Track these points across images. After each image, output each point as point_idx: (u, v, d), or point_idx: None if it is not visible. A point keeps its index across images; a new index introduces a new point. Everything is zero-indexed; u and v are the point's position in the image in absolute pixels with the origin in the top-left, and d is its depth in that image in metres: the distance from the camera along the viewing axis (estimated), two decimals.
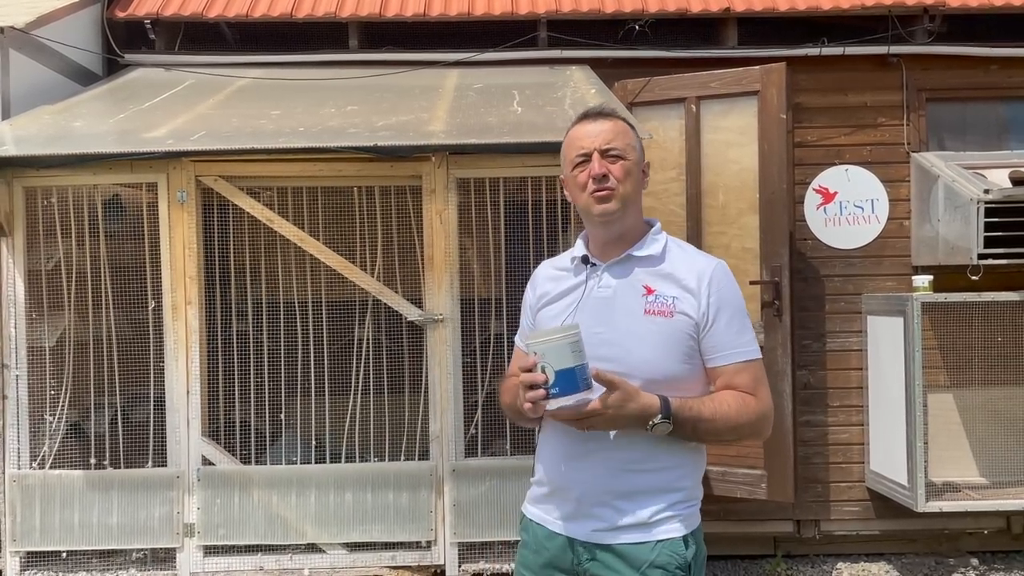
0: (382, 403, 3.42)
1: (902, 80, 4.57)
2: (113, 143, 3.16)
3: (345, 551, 3.31)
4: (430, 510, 3.29)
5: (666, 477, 1.78)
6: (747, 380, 1.76)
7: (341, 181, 3.37)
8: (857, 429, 4.57)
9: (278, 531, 3.31)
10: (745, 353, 1.76)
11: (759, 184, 4.01)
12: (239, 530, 3.27)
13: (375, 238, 3.41)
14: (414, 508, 3.30)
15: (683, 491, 1.80)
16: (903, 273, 4.53)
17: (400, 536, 3.32)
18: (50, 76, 4.00)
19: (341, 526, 3.31)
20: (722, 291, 1.78)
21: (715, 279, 1.78)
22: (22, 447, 3.26)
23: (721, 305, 1.76)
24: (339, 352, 3.41)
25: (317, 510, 3.31)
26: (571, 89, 3.88)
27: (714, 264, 1.82)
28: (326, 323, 3.38)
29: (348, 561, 3.30)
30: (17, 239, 3.28)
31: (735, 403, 1.74)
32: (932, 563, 4.52)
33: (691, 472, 1.82)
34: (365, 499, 3.29)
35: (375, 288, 3.31)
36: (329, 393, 3.40)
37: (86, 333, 3.33)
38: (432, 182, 3.28)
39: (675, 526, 1.78)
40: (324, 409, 3.40)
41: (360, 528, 3.30)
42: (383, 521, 3.29)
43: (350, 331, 3.44)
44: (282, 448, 3.44)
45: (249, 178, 3.32)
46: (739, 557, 4.65)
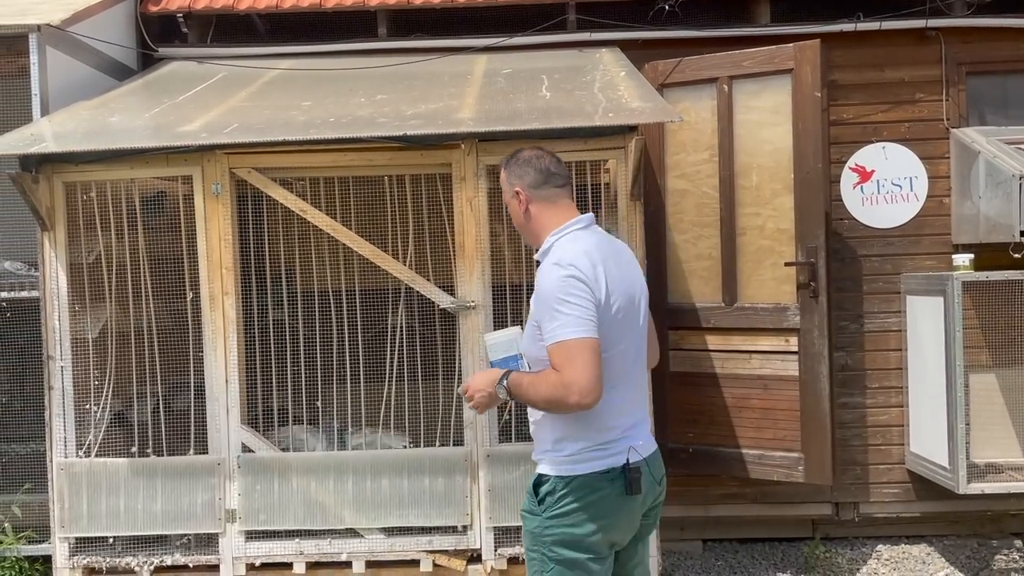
0: (416, 390, 3.45)
1: (941, 54, 4.47)
2: (148, 137, 3.21)
3: (383, 536, 3.35)
4: (465, 495, 3.32)
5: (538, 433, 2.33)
6: (554, 360, 2.13)
7: (372, 170, 3.39)
8: (897, 411, 4.51)
9: (317, 516, 3.35)
10: (550, 339, 2.14)
11: (793, 164, 3.96)
12: (279, 515, 3.33)
13: (407, 226, 3.42)
14: (449, 493, 3.33)
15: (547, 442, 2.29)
16: (943, 252, 4.45)
17: (436, 521, 3.35)
18: (86, 72, 4.07)
19: (378, 511, 3.35)
20: (540, 288, 2.20)
21: (539, 278, 2.22)
22: (68, 436, 3.35)
23: (538, 300, 2.19)
24: (373, 340, 3.45)
25: (355, 496, 3.34)
26: (601, 72, 3.85)
27: (544, 266, 2.24)
28: (360, 311, 3.41)
29: (386, 546, 3.34)
30: (59, 233, 3.35)
31: (539, 376, 2.18)
32: (975, 545, 4.47)
33: (549, 432, 2.27)
34: (402, 485, 3.33)
35: (407, 276, 3.33)
36: (365, 381, 3.43)
37: (127, 324, 3.40)
38: (462, 169, 3.28)
39: (543, 466, 2.28)
40: (360, 397, 3.43)
41: (397, 513, 3.34)
42: (419, 506, 3.33)
43: (383, 319, 3.48)
44: (320, 435, 3.49)
45: (282, 169, 3.34)
46: (776, 540, 4.64)
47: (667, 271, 4.26)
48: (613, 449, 2.22)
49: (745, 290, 4.11)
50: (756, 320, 4.07)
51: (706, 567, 4.39)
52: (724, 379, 4.17)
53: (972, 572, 4.17)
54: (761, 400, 4.08)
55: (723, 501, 4.57)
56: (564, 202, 2.32)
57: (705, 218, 4.16)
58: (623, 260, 2.33)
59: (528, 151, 2.36)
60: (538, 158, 2.32)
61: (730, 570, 4.35)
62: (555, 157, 2.36)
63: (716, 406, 4.17)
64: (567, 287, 2.13)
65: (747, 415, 4.11)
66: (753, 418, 4.10)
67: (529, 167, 2.31)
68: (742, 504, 4.57)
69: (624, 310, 2.24)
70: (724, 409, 4.15)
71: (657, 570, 3.25)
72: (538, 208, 2.30)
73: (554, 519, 2.20)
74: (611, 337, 2.19)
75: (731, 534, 4.65)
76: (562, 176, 2.33)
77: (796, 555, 4.47)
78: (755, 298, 4.09)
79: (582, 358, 2.09)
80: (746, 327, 4.10)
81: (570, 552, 2.19)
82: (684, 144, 4.21)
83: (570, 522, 2.18)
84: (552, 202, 2.30)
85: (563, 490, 2.20)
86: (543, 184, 2.30)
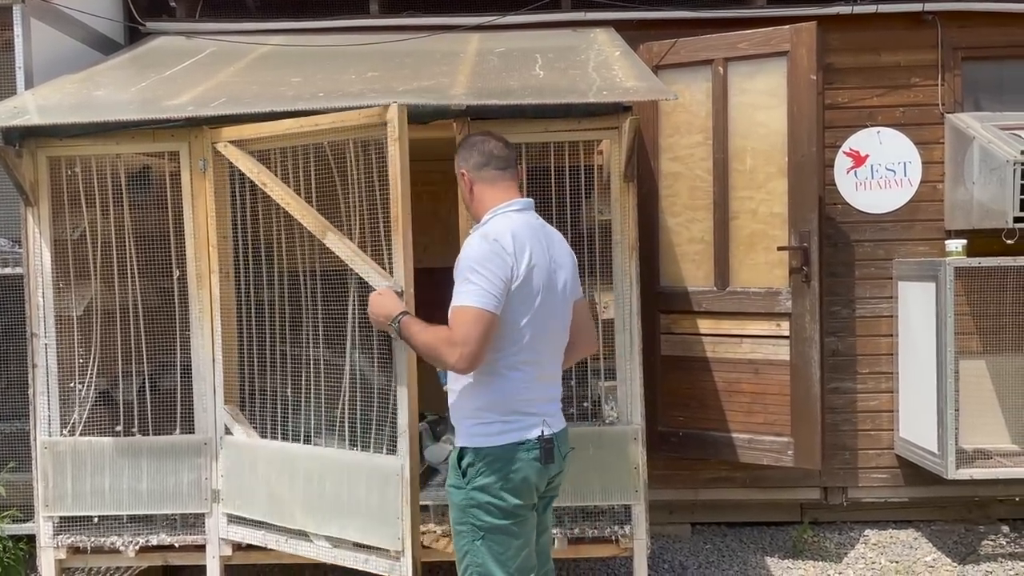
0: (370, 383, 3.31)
1: (937, 38, 4.45)
2: (134, 111, 3.15)
3: (328, 544, 3.07)
4: (397, 516, 2.91)
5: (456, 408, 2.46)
6: (452, 319, 2.31)
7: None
8: (886, 396, 4.52)
9: (275, 510, 3.16)
10: (455, 300, 2.31)
11: (788, 147, 3.93)
12: (248, 504, 3.22)
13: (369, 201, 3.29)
14: (383, 510, 2.94)
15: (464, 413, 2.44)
16: (936, 238, 4.45)
17: (372, 539, 2.98)
18: (72, 45, 4.00)
19: (324, 516, 3.06)
20: (461, 254, 2.36)
21: (464, 246, 2.38)
22: (52, 414, 3.30)
23: (457, 264, 2.35)
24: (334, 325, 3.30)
25: (304, 493, 3.07)
26: (595, 52, 3.81)
27: (471, 236, 2.41)
28: (320, 293, 3.21)
29: (330, 556, 3.08)
30: (43, 209, 3.30)
31: (432, 328, 2.38)
32: (962, 530, 4.49)
33: (470, 406, 2.41)
34: (341, 492, 3.03)
35: (347, 254, 2.99)
36: (325, 367, 3.17)
37: (113, 302, 3.35)
38: (452, 150, 3.23)
39: (463, 440, 2.43)
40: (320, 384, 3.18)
41: (338, 523, 3.04)
42: (356, 518, 3.01)
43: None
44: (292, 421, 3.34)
45: (259, 140, 3.12)
46: (765, 524, 4.65)
47: (659, 254, 4.24)
48: (528, 422, 2.39)
49: (737, 274, 4.09)
50: (748, 304, 4.05)
51: (695, 550, 4.40)
52: (715, 363, 4.16)
53: (959, 557, 4.19)
54: (752, 384, 4.07)
55: (712, 485, 4.57)
56: (505, 184, 2.48)
57: (698, 201, 4.13)
58: (554, 245, 2.48)
59: (476, 135, 2.54)
60: (483, 142, 2.50)
61: (718, 553, 4.35)
62: (502, 142, 2.51)
63: (707, 390, 4.16)
64: (485, 258, 2.30)
65: (737, 399, 4.11)
66: (743, 402, 4.09)
67: (474, 150, 2.49)
68: (731, 488, 4.57)
69: (545, 293, 2.39)
70: (715, 393, 4.15)
71: (646, 553, 3.24)
72: (480, 188, 2.48)
73: (477, 490, 2.36)
74: (529, 316, 2.36)
75: (720, 518, 4.66)
76: (504, 160, 2.49)
77: (784, 539, 4.48)
78: (747, 282, 4.07)
79: (476, 328, 2.26)
80: (738, 311, 4.08)
81: (495, 519, 2.36)
82: (678, 126, 4.18)
83: (492, 491, 2.35)
84: (492, 183, 2.46)
85: (483, 461, 2.36)
86: (484, 166, 2.47)
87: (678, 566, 4.21)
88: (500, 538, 2.37)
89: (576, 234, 3.25)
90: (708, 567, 4.20)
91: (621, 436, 3.21)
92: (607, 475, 3.20)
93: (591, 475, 3.21)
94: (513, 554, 2.38)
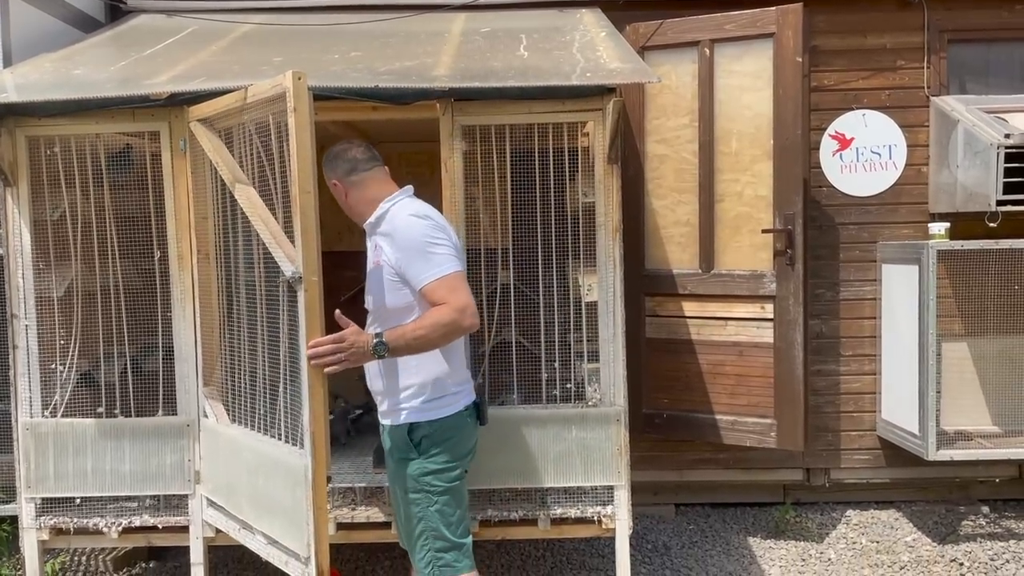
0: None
1: (924, 20, 4.44)
2: (113, 90, 3.12)
3: (264, 541, 2.94)
4: (307, 522, 2.69)
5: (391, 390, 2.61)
6: (439, 292, 2.41)
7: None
8: (869, 378, 4.55)
9: (231, 499, 3.07)
10: (429, 277, 2.42)
11: (773, 130, 3.93)
12: (216, 489, 3.18)
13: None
14: (295, 512, 2.73)
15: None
16: (920, 221, 4.46)
17: (287, 542, 2.80)
18: (51, 23, 3.95)
19: (258, 511, 2.93)
20: (402, 238, 2.47)
21: (397, 232, 2.49)
22: (34, 396, 3.29)
23: (403, 248, 2.46)
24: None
25: (249, 485, 2.89)
26: (580, 32, 3.79)
27: (398, 222, 2.51)
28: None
29: (264, 553, 2.90)
30: (22, 189, 3.26)
31: (431, 314, 2.42)
32: (942, 511, 4.53)
33: (415, 383, 2.58)
34: (264, 484, 2.90)
35: (268, 235, 2.79)
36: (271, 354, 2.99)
37: (94, 283, 3.32)
38: (438, 130, 3.22)
39: (410, 416, 2.58)
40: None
41: (268, 520, 2.90)
42: (272, 517, 2.89)
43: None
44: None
45: (216, 117, 3.02)
46: (748, 504, 4.68)
47: (645, 237, 4.23)
48: (467, 388, 2.68)
49: (722, 257, 4.10)
50: (733, 287, 4.06)
51: (678, 531, 4.43)
52: (699, 345, 4.17)
53: (939, 537, 4.23)
54: (736, 366, 4.09)
55: (696, 466, 4.60)
56: (381, 177, 2.66)
57: (684, 184, 4.13)
58: None
59: (338, 146, 2.68)
60: (345, 151, 2.66)
61: (702, 534, 4.38)
62: (364, 146, 2.69)
63: (691, 372, 4.17)
64: (432, 232, 2.48)
65: (722, 381, 4.12)
66: (727, 384, 4.11)
67: (339, 160, 2.65)
68: (715, 469, 4.60)
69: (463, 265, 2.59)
70: (699, 375, 4.16)
71: (628, 533, 3.26)
72: (357, 191, 2.64)
73: (432, 458, 2.58)
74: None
75: (703, 499, 4.69)
76: (369, 160, 2.66)
77: (767, 519, 4.52)
78: (732, 265, 4.08)
79: (464, 287, 2.44)
80: (723, 294, 4.09)
81: (448, 483, 2.60)
82: (664, 108, 4.16)
83: (447, 457, 2.59)
84: (367, 182, 2.63)
85: (436, 431, 2.57)
86: (352, 172, 2.64)
87: (661, 546, 4.24)
88: (450, 500, 2.60)
89: (560, 216, 3.25)
90: (691, 547, 4.23)
91: (604, 418, 3.22)
92: (590, 456, 3.22)
93: (574, 456, 3.22)
94: (459, 518, 2.65)
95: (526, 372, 3.29)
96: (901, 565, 3.96)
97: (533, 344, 3.30)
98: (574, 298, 3.30)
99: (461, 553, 2.66)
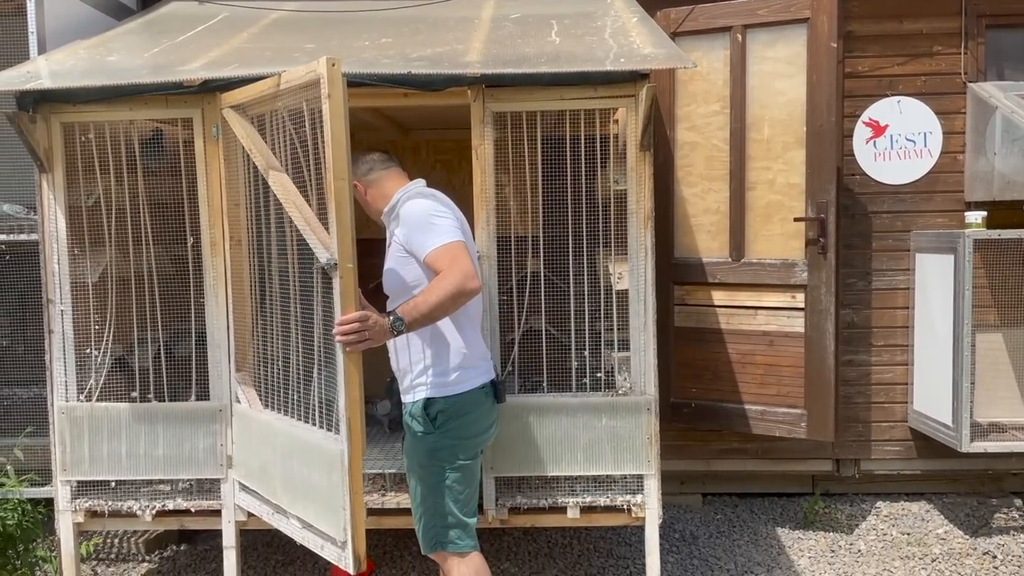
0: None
1: (961, 5, 4.36)
2: (147, 76, 3.13)
3: (298, 525, 2.95)
4: (343, 506, 2.70)
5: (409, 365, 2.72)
6: (442, 260, 2.51)
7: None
8: (901, 369, 4.50)
9: (264, 483, 3.10)
10: (431, 246, 2.54)
11: (806, 117, 3.88)
12: (249, 473, 3.21)
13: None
14: (331, 497, 2.74)
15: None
16: (955, 209, 4.39)
17: (323, 525, 2.82)
18: (84, 10, 3.97)
19: (293, 496, 2.94)
20: (408, 217, 2.63)
21: (404, 215, 2.65)
22: (69, 380, 3.33)
23: (409, 225, 2.62)
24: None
25: (283, 470, 2.93)
26: (612, 18, 3.75)
27: (406, 205, 2.67)
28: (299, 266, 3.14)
29: (299, 536, 2.93)
30: (57, 175, 3.29)
31: (435, 281, 2.49)
32: (974, 503, 4.48)
33: (432, 360, 2.68)
34: (299, 471, 2.91)
35: (302, 222, 2.80)
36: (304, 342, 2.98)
37: (128, 269, 3.35)
38: (468, 117, 3.21)
39: (428, 391, 2.67)
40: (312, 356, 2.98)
41: (302, 504, 2.92)
42: (310, 501, 2.90)
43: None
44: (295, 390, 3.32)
45: (250, 104, 3.02)
46: (776, 495, 4.66)
47: (674, 225, 4.20)
48: (484, 367, 2.75)
49: (753, 245, 4.06)
50: (763, 276, 4.02)
51: (705, 520, 4.42)
52: (729, 334, 4.14)
53: (971, 530, 4.19)
54: (765, 356, 4.06)
55: (724, 456, 4.58)
56: (396, 173, 2.83)
57: (714, 171, 4.09)
58: None
59: (357, 152, 2.79)
60: (364, 154, 2.86)
61: (729, 524, 4.37)
62: (380, 151, 2.91)
63: (720, 361, 4.15)
64: (435, 208, 2.63)
65: (751, 371, 4.09)
66: (757, 374, 4.08)
67: (358, 162, 2.80)
68: (743, 459, 4.58)
69: (474, 253, 2.72)
70: (728, 365, 4.13)
71: (658, 523, 3.25)
72: (374, 188, 2.81)
73: (447, 433, 2.65)
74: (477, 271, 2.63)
75: (731, 488, 4.67)
76: (387, 161, 2.85)
77: (795, 510, 4.49)
78: (763, 253, 4.04)
79: (465, 255, 2.53)
80: (753, 283, 4.06)
81: (462, 460, 2.67)
82: (695, 95, 4.12)
83: (463, 433, 2.67)
84: (383, 179, 2.81)
85: (452, 407, 2.65)
86: (371, 171, 2.81)
87: (689, 536, 4.23)
88: (461, 478, 2.67)
89: (591, 204, 3.23)
90: (719, 537, 4.21)
91: (634, 407, 3.20)
92: (620, 445, 3.21)
93: (603, 445, 3.21)
94: (468, 496, 2.71)
95: (555, 360, 3.28)
96: (933, 557, 3.92)
97: (562, 332, 3.29)
98: (604, 286, 3.28)
99: (465, 532, 2.70)
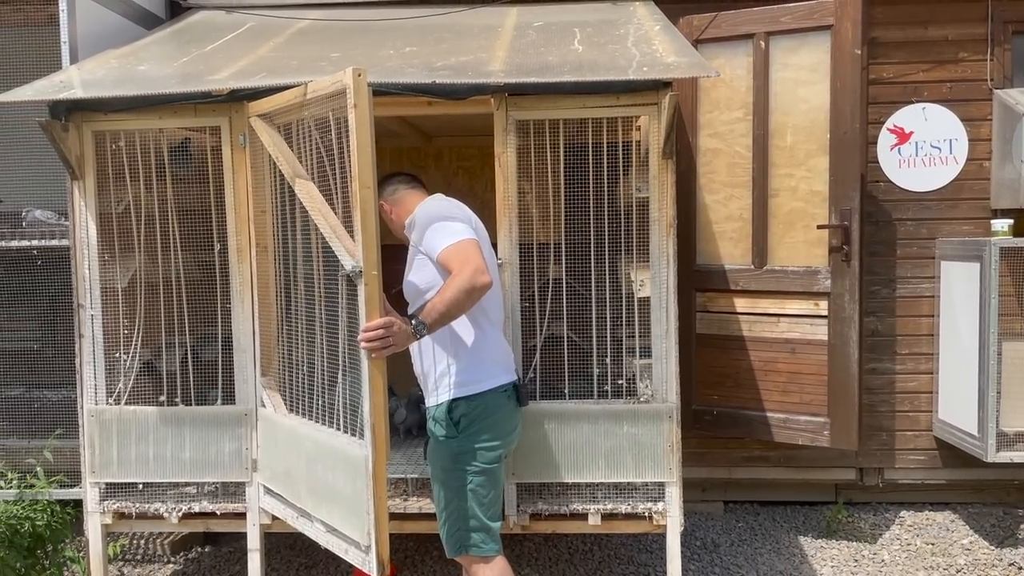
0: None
1: (987, 11, 4.33)
2: (176, 86, 3.19)
3: (323, 529, 2.98)
4: (367, 511, 2.71)
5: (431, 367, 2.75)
6: (454, 259, 2.56)
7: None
8: (926, 377, 4.46)
9: (289, 487, 3.13)
10: (442, 245, 2.61)
11: (830, 124, 3.86)
12: (274, 477, 3.24)
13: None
14: (356, 503, 2.76)
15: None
16: (981, 217, 4.36)
17: (347, 530, 2.85)
18: (115, 20, 4.04)
19: (318, 499, 2.97)
20: (420, 220, 2.72)
21: (415, 215, 2.77)
22: (99, 383, 3.39)
23: (421, 227, 2.69)
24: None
25: (307, 473, 2.97)
26: (634, 26, 3.76)
27: (417, 211, 2.78)
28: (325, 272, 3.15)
29: (324, 540, 2.97)
30: (88, 182, 3.36)
31: (449, 280, 2.54)
32: (1000, 513, 4.44)
33: (452, 362, 2.71)
34: (324, 476, 2.93)
35: (328, 230, 2.84)
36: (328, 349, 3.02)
37: (156, 275, 3.41)
38: (491, 124, 3.23)
39: (451, 392, 2.69)
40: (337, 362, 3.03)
41: (326, 509, 2.95)
42: (335, 505, 2.92)
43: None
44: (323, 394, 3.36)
45: (276, 113, 3.07)
46: (798, 503, 4.63)
47: (696, 232, 4.20)
48: (506, 366, 2.79)
49: (776, 252, 4.05)
50: (786, 283, 4.01)
51: (727, 528, 4.40)
52: (751, 342, 4.13)
53: (996, 540, 4.14)
54: (788, 364, 4.04)
55: (746, 464, 4.56)
56: (418, 191, 2.96)
57: (737, 178, 4.09)
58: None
59: (384, 176, 2.95)
60: (390, 177, 3.01)
61: (751, 532, 4.35)
62: (406, 175, 3.05)
63: (742, 369, 4.14)
64: (445, 209, 2.72)
65: (773, 379, 4.08)
66: (779, 382, 4.07)
67: (385, 184, 2.95)
68: (765, 467, 4.56)
69: (489, 253, 2.75)
70: (750, 372, 4.12)
71: (679, 530, 3.25)
72: (399, 208, 2.94)
73: (471, 436, 2.67)
74: (495, 274, 2.74)
75: (753, 496, 4.66)
76: (411, 183, 3.00)
77: (818, 519, 4.46)
78: (786, 261, 4.03)
79: (475, 252, 2.58)
80: (775, 290, 4.04)
81: (485, 463, 2.68)
82: (717, 102, 4.12)
83: (487, 436, 2.69)
84: (406, 197, 2.94)
85: (474, 409, 2.67)
86: (396, 191, 2.96)
87: (710, 543, 4.22)
88: (485, 481, 2.68)
89: (612, 211, 3.24)
90: (740, 545, 4.20)
91: (656, 414, 3.21)
92: (641, 452, 3.21)
93: (624, 452, 3.22)
94: (492, 499, 2.71)
95: (577, 367, 3.29)
96: (957, 568, 3.89)
97: (584, 339, 3.30)
98: (625, 293, 3.29)
99: (489, 536, 2.71)
